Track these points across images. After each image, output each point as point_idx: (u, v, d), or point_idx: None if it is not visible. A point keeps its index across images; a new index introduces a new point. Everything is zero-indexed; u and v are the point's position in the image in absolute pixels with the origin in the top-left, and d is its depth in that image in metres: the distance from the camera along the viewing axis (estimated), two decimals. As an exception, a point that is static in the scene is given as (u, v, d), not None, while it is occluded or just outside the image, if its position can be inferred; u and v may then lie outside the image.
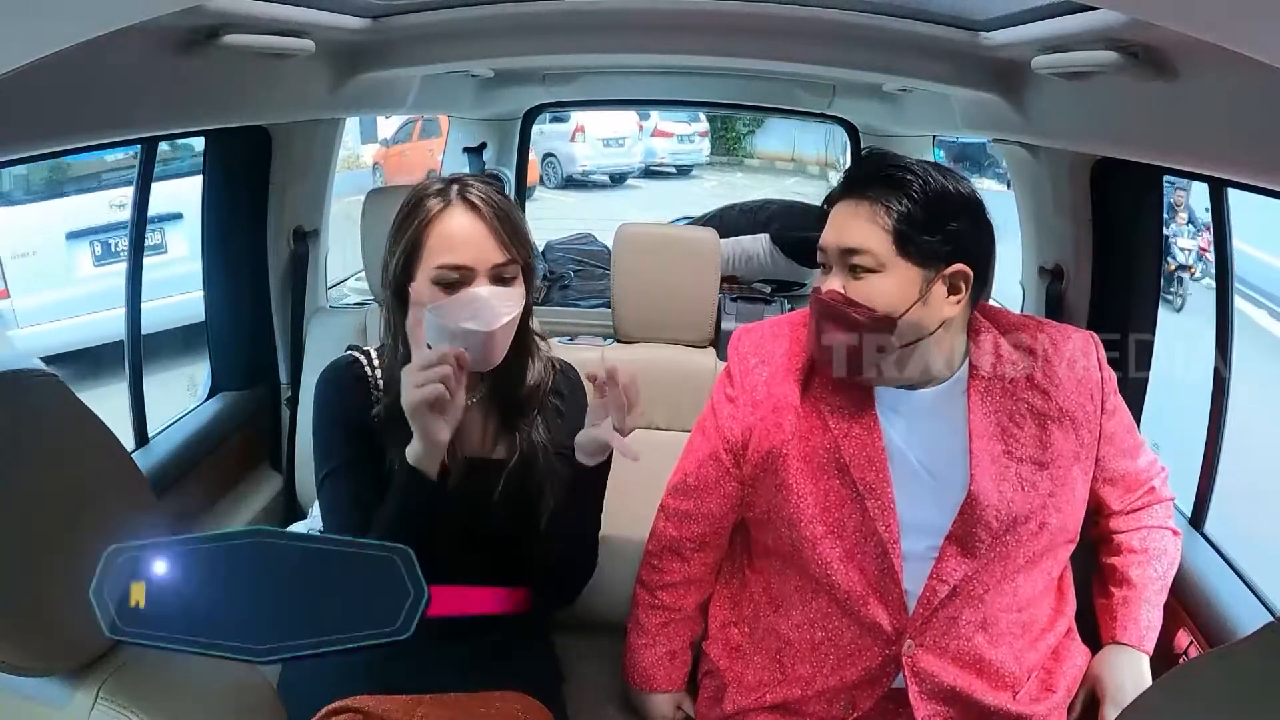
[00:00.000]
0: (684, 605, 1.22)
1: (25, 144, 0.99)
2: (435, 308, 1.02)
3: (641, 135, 11.11)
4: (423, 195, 1.07)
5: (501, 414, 1.18)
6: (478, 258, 1.05)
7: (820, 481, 1.08)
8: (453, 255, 1.04)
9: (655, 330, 1.59)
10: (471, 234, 1.05)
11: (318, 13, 1.21)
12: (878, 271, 1.01)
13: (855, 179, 1.06)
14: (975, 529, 1.04)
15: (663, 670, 1.22)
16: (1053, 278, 1.69)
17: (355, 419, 1.11)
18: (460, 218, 1.05)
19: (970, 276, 1.03)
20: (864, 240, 1.01)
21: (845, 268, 1.03)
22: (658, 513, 1.25)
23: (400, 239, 1.06)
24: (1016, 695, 1.08)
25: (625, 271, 1.57)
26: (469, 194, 1.06)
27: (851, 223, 1.03)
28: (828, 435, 1.08)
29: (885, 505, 1.05)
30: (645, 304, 1.57)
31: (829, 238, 1.06)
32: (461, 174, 1.11)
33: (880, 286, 1.01)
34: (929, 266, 1.01)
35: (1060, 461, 1.07)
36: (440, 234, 1.05)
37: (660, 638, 1.22)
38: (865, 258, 1.01)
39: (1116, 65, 0.96)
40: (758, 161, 13.32)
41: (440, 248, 1.04)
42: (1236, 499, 1.66)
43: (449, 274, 1.04)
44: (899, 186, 1.01)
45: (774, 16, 1.33)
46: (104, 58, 0.94)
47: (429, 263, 1.05)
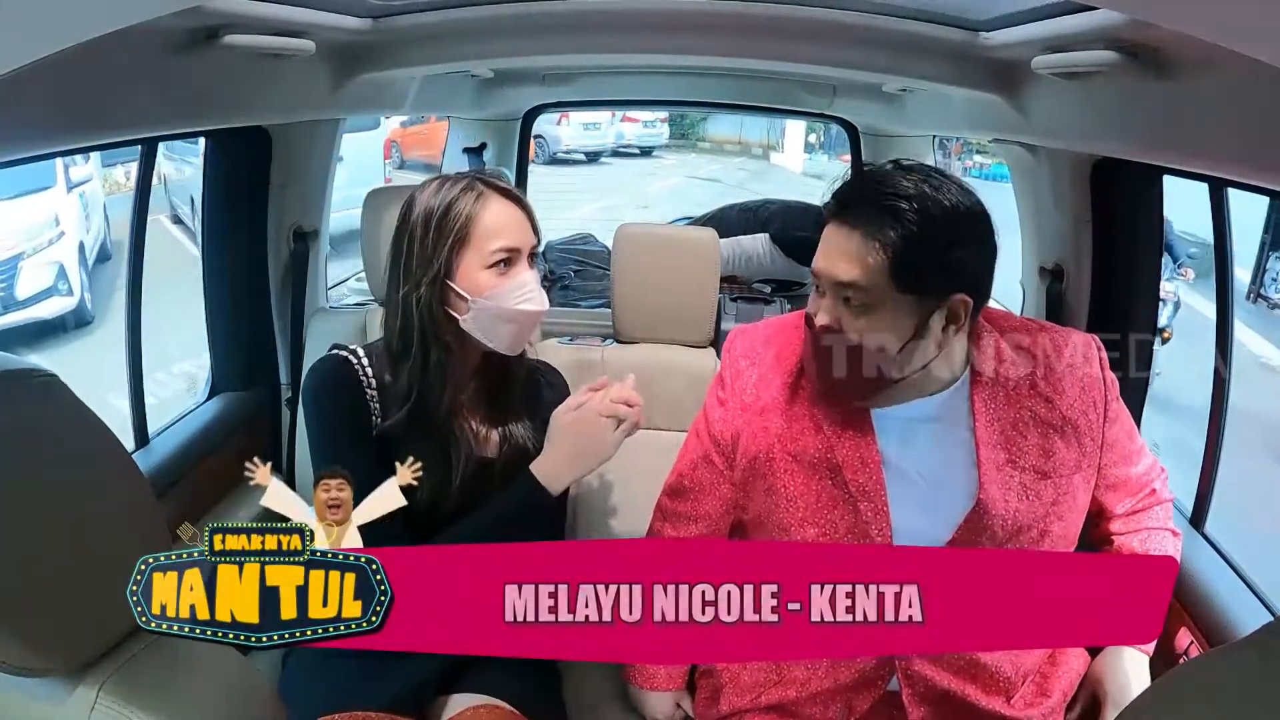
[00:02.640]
0: None
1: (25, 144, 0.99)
2: (490, 295, 1.09)
3: (613, 121, 12.89)
4: (450, 197, 1.10)
5: (489, 411, 1.19)
6: (522, 239, 1.12)
7: (812, 483, 1.07)
8: (504, 238, 1.10)
9: (655, 330, 1.59)
10: (514, 217, 1.12)
11: (318, 13, 1.21)
12: (872, 305, 0.97)
13: (846, 202, 1.00)
14: (980, 539, 1.02)
15: (663, 668, 1.21)
16: (1053, 278, 1.69)
17: (354, 420, 1.12)
18: (500, 204, 1.11)
19: (970, 306, 0.99)
20: (857, 275, 0.96)
21: (838, 299, 0.99)
22: (654, 513, 1.24)
23: (444, 237, 1.09)
24: (1011, 700, 1.07)
25: (625, 272, 1.56)
26: (497, 183, 1.13)
27: (843, 255, 0.97)
28: (820, 437, 1.07)
29: (879, 509, 1.04)
30: (645, 304, 1.57)
31: (821, 264, 1.00)
32: (470, 171, 1.16)
33: (875, 321, 0.97)
34: (928, 298, 0.97)
35: (1063, 470, 1.05)
36: (488, 222, 1.10)
37: None
38: (860, 294, 0.97)
39: (1116, 65, 0.96)
40: (709, 144, 15.09)
41: (490, 234, 1.10)
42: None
43: (501, 256, 1.10)
44: (895, 215, 0.95)
45: (774, 17, 1.33)
46: (104, 58, 0.94)
47: (483, 249, 1.09)
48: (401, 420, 1.10)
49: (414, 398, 1.10)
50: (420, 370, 1.10)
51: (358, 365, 1.14)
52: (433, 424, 1.11)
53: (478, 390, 1.19)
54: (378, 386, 1.12)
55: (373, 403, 1.12)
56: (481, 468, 1.15)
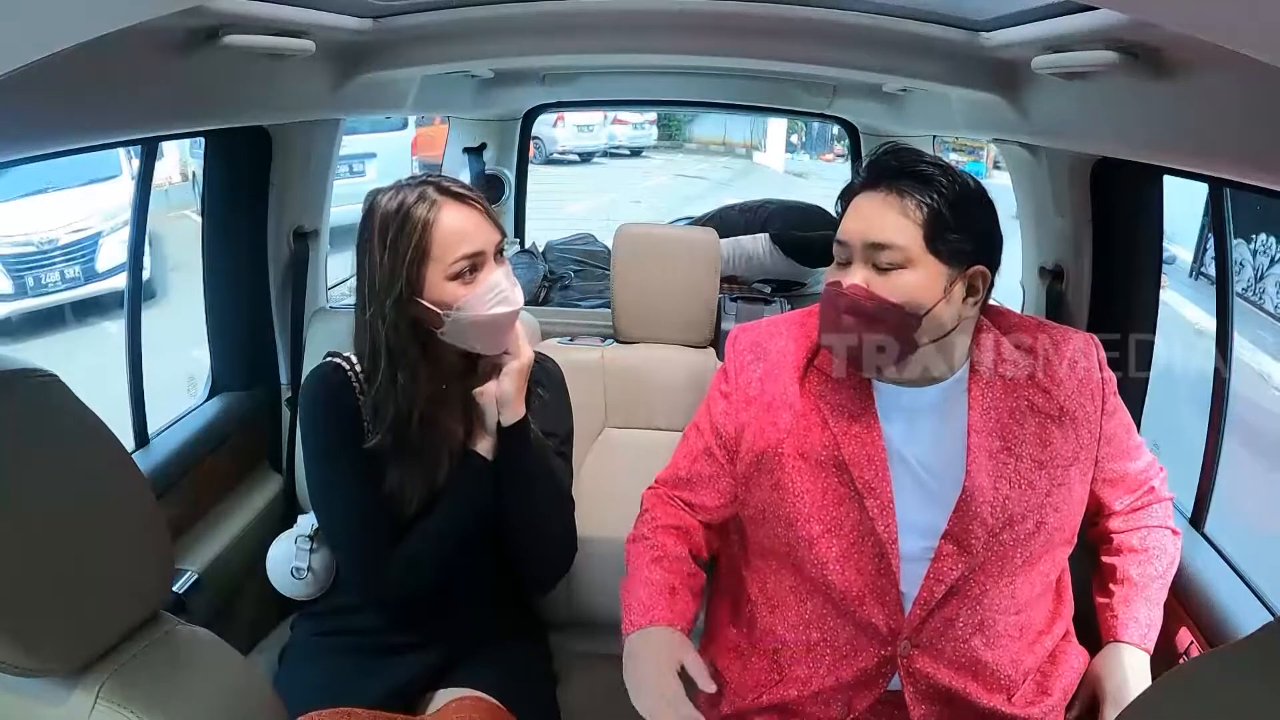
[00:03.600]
0: (678, 550, 1.13)
1: (25, 144, 0.99)
2: (462, 305, 1.07)
3: (605, 123, 13.90)
4: (405, 208, 1.07)
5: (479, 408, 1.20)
6: (484, 240, 1.09)
7: (818, 479, 1.08)
8: (465, 245, 1.08)
9: (655, 330, 1.59)
10: (470, 220, 1.09)
11: (318, 13, 1.20)
12: (904, 267, 0.99)
13: (884, 170, 1.03)
14: (971, 525, 1.04)
15: (664, 601, 1.07)
16: (1053, 277, 1.69)
17: (344, 428, 1.12)
18: (456, 210, 1.08)
19: (988, 279, 1.03)
20: (894, 234, 0.99)
21: (869, 262, 1.01)
22: (648, 492, 1.23)
23: (402, 253, 1.06)
24: (1012, 698, 1.08)
25: (625, 272, 1.57)
26: (450, 188, 1.10)
27: (880, 216, 1.00)
28: (826, 433, 1.08)
29: (884, 505, 1.05)
30: (645, 304, 1.57)
31: (853, 229, 1.02)
32: (420, 175, 1.14)
33: (906, 282, 0.99)
34: (954, 265, 1.00)
35: (1059, 461, 1.06)
36: (445, 231, 1.07)
37: (655, 571, 1.10)
38: (894, 253, 0.99)
39: (1116, 65, 0.96)
40: (695, 144, 16.50)
41: (450, 243, 1.07)
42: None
43: (465, 264, 1.07)
44: (928, 182, 1.00)
45: (774, 16, 1.33)
46: (104, 58, 0.94)
47: (443, 261, 1.07)
48: (385, 436, 1.10)
49: (389, 416, 1.10)
50: (389, 391, 1.10)
51: (350, 372, 1.15)
52: (408, 434, 1.11)
53: (466, 388, 1.19)
54: (375, 409, 1.13)
55: (364, 409, 1.12)
56: (476, 463, 1.15)
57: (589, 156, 13.90)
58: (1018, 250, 1.84)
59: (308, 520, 1.31)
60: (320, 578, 1.29)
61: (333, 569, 1.30)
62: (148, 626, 0.75)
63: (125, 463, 0.74)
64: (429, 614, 1.19)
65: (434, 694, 1.17)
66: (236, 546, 1.57)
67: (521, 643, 1.30)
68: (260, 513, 1.68)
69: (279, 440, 1.81)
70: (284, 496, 1.76)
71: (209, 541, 1.53)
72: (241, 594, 1.59)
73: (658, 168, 13.84)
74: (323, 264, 1.91)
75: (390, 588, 1.12)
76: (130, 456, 0.77)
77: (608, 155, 14.30)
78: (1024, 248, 1.84)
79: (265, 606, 1.58)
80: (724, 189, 11.39)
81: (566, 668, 1.39)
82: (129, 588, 0.73)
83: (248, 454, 1.76)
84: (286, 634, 1.32)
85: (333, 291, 2.04)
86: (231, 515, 1.63)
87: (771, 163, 15.22)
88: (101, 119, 1.05)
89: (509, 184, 2.84)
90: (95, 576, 0.69)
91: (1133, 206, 1.55)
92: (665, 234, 1.68)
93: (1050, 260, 1.70)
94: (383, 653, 1.19)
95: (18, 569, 0.64)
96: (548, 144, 12.67)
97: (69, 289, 4.91)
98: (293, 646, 1.27)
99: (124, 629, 0.72)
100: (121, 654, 0.71)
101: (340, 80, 1.48)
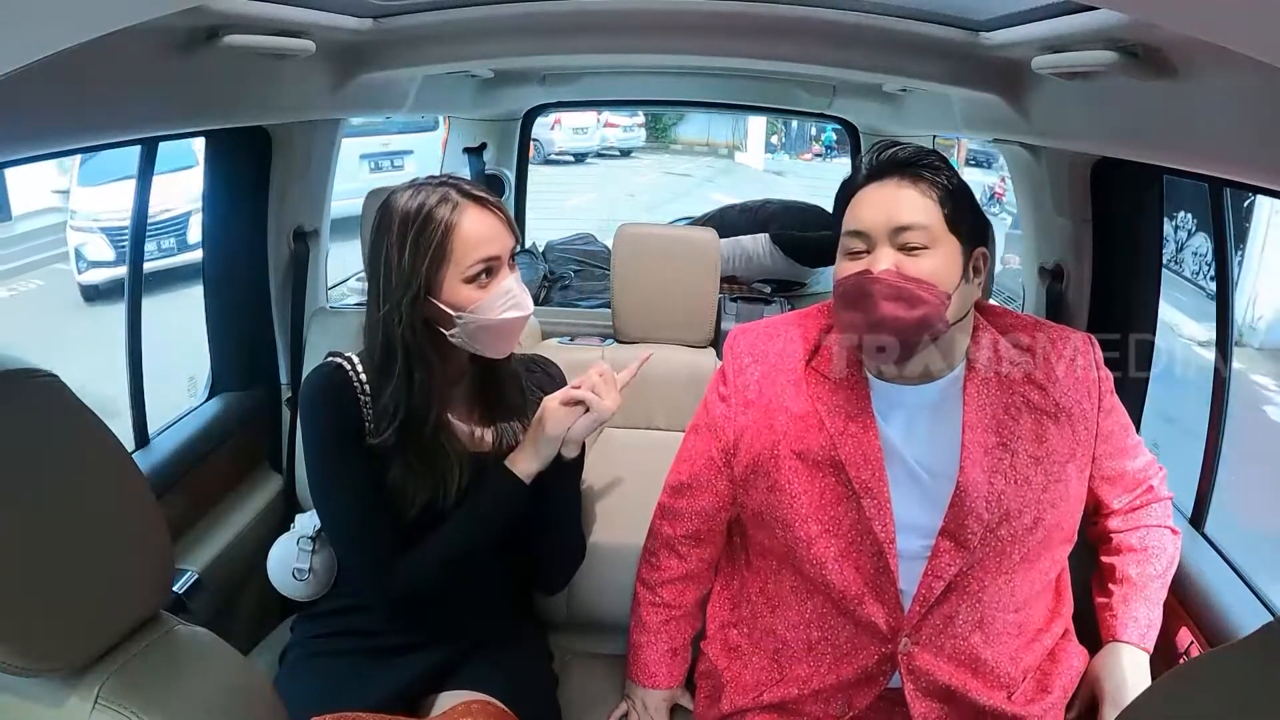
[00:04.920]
0: (684, 601, 1.23)
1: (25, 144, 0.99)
2: (475, 308, 1.08)
3: (597, 125, 14.97)
4: (426, 208, 1.07)
5: (482, 410, 1.20)
6: (502, 246, 1.10)
7: (816, 480, 1.08)
8: (484, 249, 1.08)
9: (655, 330, 1.59)
10: (491, 225, 1.09)
11: (318, 13, 1.20)
12: (929, 248, 1.01)
13: (891, 162, 1.05)
14: (966, 520, 1.04)
15: (665, 667, 1.23)
16: (1053, 277, 1.69)
17: (346, 428, 1.12)
18: (477, 214, 1.09)
19: (988, 259, 1.06)
20: (919, 215, 1.01)
21: (895, 246, 1.01)
22: (656, 510, 1.25)
23: (422, 253, 1.06)
24: (1011, 696, 1.08)
25: (625, 272, 1.56)
26: (471, 191, 1.10)
27: (900, 200, 1.02)
28: (823, 433, 1.08)
29: (882, 504, 1.05)
30: (645, 304, 1.57)
31: (873, 216, 1.03)
32: (444, 176, 1.13)
33: (933, 263, 1.01)
34: (967, 245, 1.03)
35: (1055, 457, 1.06)
36: (466, 234, 1.07)
37: (663, 635, 1.23)
38: (920, 233, 1.01)
39: (1116, 65, 0.96)
40: (681, 145, 17.78)
41: (469, 247, 1.07)
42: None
43: (481, 268, 1.08)
44: (938, 170, 1.04)
45: (774, 16, 1.33)
46: (104, 58, 0.94)
47: (461, 264, 1.07)
48: (391, 434, 1.10)
49: (400, 415, 1.10)
50: (405, 390, 1.10)
51: (351, 372, 1.14)
52: (422, 434, 1.12)
53: (469, 390, 1.19)
54: (371, 392, 1.13)
55: (366, 409, 1.12)
56: (479, 465, 1.15)
57: (583, 157, 14.78)
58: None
59: (309, 521, 1.31)
60: (321, 579, 1.29)
61: (334, 570, 1.30)
62: (148, 626, 0.75)
63: (125, 463, 0.74)
64: (431, 616, 1.19)
65: (436, 697, 1.17)
66: (237, 546, 1.57)
67: (523, 643, 1.30)
68: (260, 513, 1.68)
69: (279, 440, 1.81)
70: (284, 496, 1.76)
71: (209, 541, 1.53)
72: (242, 594, 1.59)
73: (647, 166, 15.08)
74: (323, 264, 1.91)
75: (398, 588, 1.12)
76: (130, 456, 0.77)
77: (600, 156, 15.28)
78: (1024, 248, 1.84)
79: (265, 607, 1.58)
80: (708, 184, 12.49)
81: (566, 668, 1.39)
82: (129, 588, 0.73)
83: (248, 454, 1.76)
84: (286, 635, 1.32)
85: (333, 291, 2.04)
86: (232, 515, 1.63)
87: (752, 162, 16.09)
88: (101, 119, 1.05)
89: (508, 184, 2.84)
90: (95, 576, 0.69)
91: (1133, 206, 1.56)
92: (665, 234, 1.68)
93: (1050, 260, 1.70)
94: (384, 655, 1.19)
95: (18, 569, 0.64)
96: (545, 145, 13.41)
97: (164, 258, 5.75)
98: (293, 648, 1.27)
99: (124, 629, 0.72)
100: (121, 654, 0.71)
101: (340, 80, 1.48)
